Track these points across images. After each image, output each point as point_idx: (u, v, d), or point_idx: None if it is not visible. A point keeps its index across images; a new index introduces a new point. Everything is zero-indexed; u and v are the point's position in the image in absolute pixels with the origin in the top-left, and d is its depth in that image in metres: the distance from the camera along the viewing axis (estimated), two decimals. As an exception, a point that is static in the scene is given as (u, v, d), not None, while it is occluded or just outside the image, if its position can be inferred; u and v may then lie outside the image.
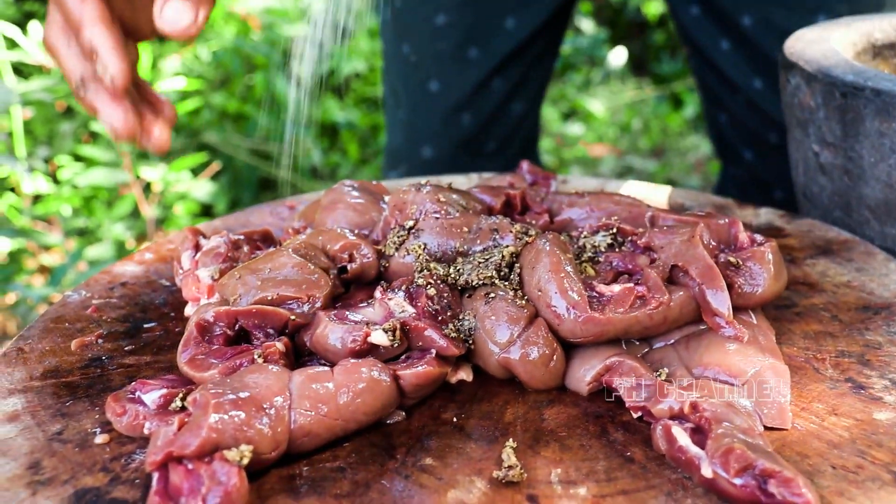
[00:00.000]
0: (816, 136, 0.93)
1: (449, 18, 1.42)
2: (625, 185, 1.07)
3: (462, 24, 1.43)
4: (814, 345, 0.73)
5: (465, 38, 1.43)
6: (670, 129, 3.52)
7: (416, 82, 1.50)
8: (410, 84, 1.51)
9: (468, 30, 1.43)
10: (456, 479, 0.59)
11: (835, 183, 0.93)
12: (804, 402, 0.66)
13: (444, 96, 1.48)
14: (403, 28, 1.50)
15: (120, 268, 0.89)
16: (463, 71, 1.46)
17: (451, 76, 1.47)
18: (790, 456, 0.60)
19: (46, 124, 2.38)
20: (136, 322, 0.80)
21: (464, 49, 1.44)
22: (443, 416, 0.66)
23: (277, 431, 0.58)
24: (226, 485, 0.54)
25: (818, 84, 0.90)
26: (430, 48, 1.46)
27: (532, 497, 0.57)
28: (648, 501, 0.56)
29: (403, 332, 0.67)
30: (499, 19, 1.44)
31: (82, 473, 0.59)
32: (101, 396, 0.68)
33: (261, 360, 0.65)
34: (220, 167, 2.46)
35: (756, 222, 0.97)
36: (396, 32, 1.52)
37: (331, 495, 0.57)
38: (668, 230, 0.74)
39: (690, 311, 0.69)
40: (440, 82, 1.47)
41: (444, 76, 1.47)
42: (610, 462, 0.60)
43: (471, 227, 0.77)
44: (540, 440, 0.63)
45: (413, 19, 1.47)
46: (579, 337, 0.68)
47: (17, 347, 0.75)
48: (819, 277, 0.84)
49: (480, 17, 1.43)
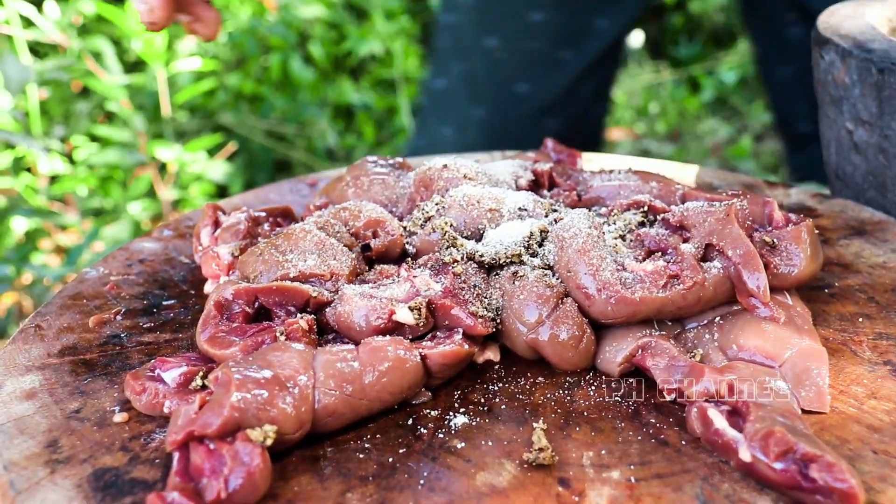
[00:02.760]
0: (851, 113, 0.90)
1: (545, 16, 1.34)
2: (651, 163, 1.04)
3: (556, 24, 1.35)
4: (850, 326, 0.71)
5: (559, 39, 1.35)
6: (687, 113, 3.48)
7: (501, 81, 1.41)
8: (495, 82, 1.42)
9: (561, 30, 1.35)
10: (485, 461, 0.57)
11: (869, 162, 0.90)
12: (842, 384, 0.63)
13: (532, 99, 1.40)
14: (493, 20, 1.40)
15: (138, 244, 0.88)
16: (554, 73, 1.38)
17: (541, 78, 1.38)
18: (829, 440, 0.58)
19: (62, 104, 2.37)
20: (155, 299, 0.78)
21: (557, 50, 1.36)
22: (470, 396, 0.64)
23: (301, 411, 0.56)
24: (248, 465, 0.52)
25: (854, 60, 0.88)
26: (521, 47, 1.37)
27: (564, 480, 0.55)
28: (684, 486, 0.54)
29: (429, 310, 0.65)
30: (591, 19, 1.36)
31: (101, 453, 0.58)
32: (119, 374, 0.67)
33: (283, 338, 0.63)
34: (235, 148, 2.45)
35: (787, 202, 0.94)
36: (482, 23, 1.41)
37: (356, 477, 0.56)
38: (701, 208, 0.71)
39: (725, 291, 0.67)
40: (530, 84, 1.39)
41: (533, 78, 1.39)
42: (643, 445, 0.58)
43: (498, 203, 0.75)
44: (570, 422, 0.61)
45: (504, 13, 1.37)
46: (610, 318, 0.66)
47: (34, 324, 0.73)
48: (853, 258, 0.82)
49: (574, 17, 1.35)
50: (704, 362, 0.64)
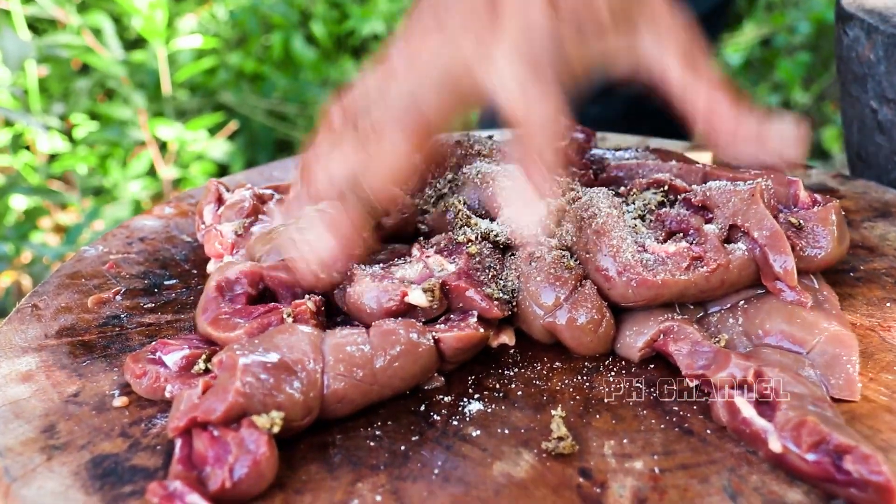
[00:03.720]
0: (875, 91, 0.87)
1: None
2: (668, 143, 1.01)
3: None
4: (878, 312, 0.68)
5: None
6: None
7: None
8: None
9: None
10: (501, 450, 0.54)
11: (893, 142, 0.87)
12: (872, 372, 0.61)
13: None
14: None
15: (138, 222, 0.85)
16: None
17: None
18: (861, 430, 0.55)
19: (62, 81, 2.34)
20: (156, 279, 0.75)
21: None
22: (484, 382, 0.62)
23: (310, 396, 0.54)
24: (254, 453, 0.50)
25: (879, 36, 0.85)
26: None
27: (585, 471, 0.52)
28: (710, 477, 0.52)
29: (443, 292, 0.62)
30: None
31: (100, 438, 0.55)
32: (119, 357, 0.64)
33: (290, 320, 0.60)
34: (236, 128, 2.41)
35: (807, 183, 0.91)
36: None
37: (367, 466, 0.53)
38: (725, 188, 0.69)
39: (750, 273, 0.65)
40: None
41: None
42: (667, 434, 0.56)
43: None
44: (590, 409, 0.58)
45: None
46: (631, 301, 0.63)
47: (31, 304, 0.71)
48: (878, 241, 0.79)
49: None
50: (729, 348, 0.61)
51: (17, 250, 1.77)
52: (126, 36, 2.46)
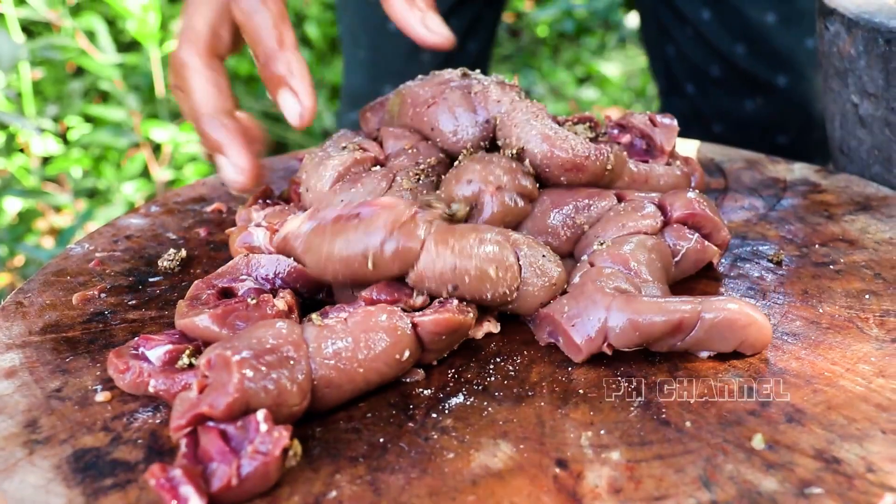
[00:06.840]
0: (856, 86, 0.88)
1: None
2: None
3: None
4: (857, 303, 0.69)
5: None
6: (688, 94, 3.44)
7: (375, 22, 1.51)
8: (370, 24, 1.53)
9: None
10: (479, 441, 0.55)
11: (875, 136, 0.88)
12: (849, 362, 0.61)
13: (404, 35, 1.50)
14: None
15: (125, 220, 0.85)
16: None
17: None
18: (837, 419, 0.56)
19: (56, 84, 2.34)
20: (141, 276, 0.76)
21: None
22: (464, 375, 0.62)
23: (302, 382, 0.54)
24: (266, 455, 0.50)
25: (860, 31, 0.85)
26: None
27: (561, 461, 0.53)
28: (686, 467, 0.52)
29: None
30: None
31: (82, 433, 0.56)
32: (102, 352, 0.65)
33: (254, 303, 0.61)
34: (231, 129, 2.41)
35: (790, 178, 0.92)
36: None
37: (345, 457, 0.54)
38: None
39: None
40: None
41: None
42: (644, 425, 0.56)
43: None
44: (568, 401, 0.59)
45: None
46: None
47: (15, 301, 0.71)
48: (859, 234, 0.80)
49: None
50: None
51: (12, 253, 1.78)
52: (120, 38, 2.47)
